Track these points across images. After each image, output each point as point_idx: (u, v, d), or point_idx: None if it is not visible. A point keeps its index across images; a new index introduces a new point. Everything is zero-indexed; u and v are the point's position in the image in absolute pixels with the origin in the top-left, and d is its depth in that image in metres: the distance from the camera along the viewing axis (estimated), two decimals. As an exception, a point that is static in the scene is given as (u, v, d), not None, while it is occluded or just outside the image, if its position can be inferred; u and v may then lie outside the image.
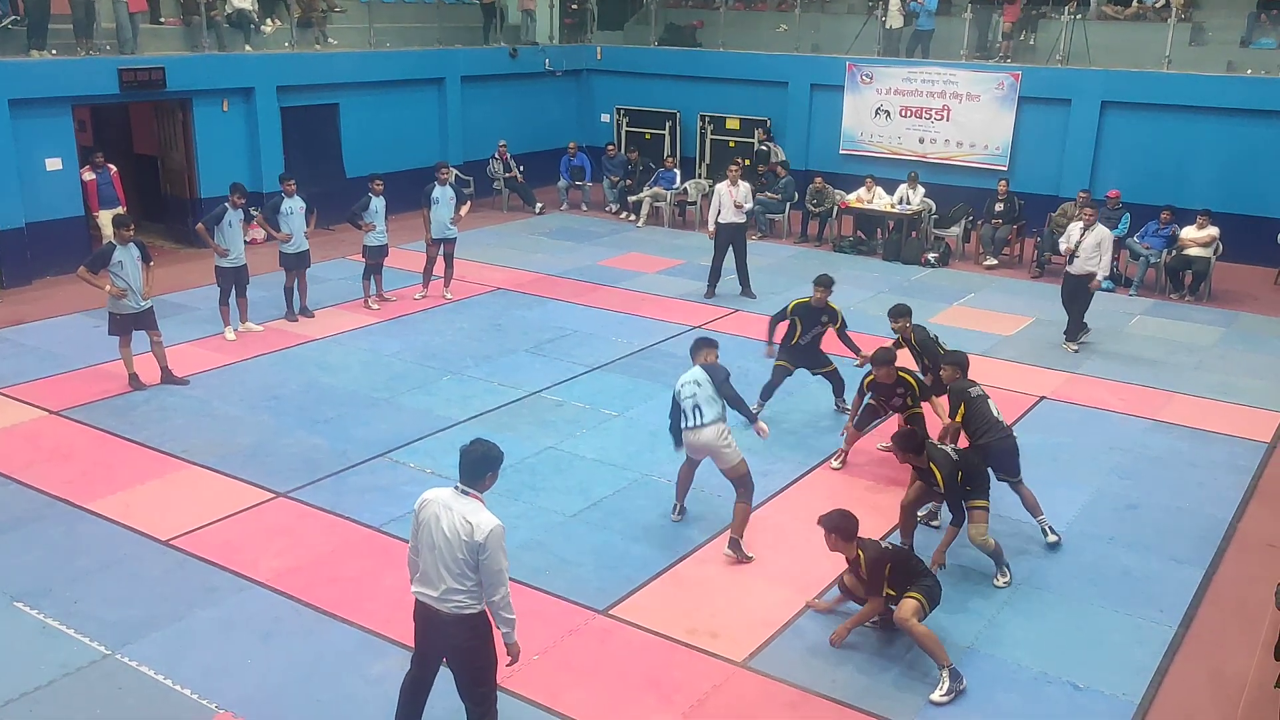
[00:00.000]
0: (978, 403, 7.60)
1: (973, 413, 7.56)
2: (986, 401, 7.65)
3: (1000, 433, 7.61)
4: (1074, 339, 12.21)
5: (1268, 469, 9.29)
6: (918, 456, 7.01)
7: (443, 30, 19.75)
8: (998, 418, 7.63)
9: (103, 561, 7.32)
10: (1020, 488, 7.78)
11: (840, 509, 6.43)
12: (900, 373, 8.49)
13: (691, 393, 7.33)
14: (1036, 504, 7.81)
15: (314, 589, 7.03)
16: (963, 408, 7.58)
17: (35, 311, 12.82)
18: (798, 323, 9.67)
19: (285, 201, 12.21)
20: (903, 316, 9.06)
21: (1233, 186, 16.08)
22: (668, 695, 6.09)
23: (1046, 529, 7.84)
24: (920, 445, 7.03)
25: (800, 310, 9.70)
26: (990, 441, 7.54)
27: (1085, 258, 11.85)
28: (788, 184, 17.81)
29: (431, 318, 12.94)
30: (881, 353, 8.51)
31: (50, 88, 13.84)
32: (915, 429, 7.57)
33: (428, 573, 4.96)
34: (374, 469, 8.84)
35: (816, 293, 9.68)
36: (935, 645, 6.12)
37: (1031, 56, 18.29)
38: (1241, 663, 6.54)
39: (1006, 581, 7.23)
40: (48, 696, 5.96)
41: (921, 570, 6.42)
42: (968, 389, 7.67)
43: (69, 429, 9.51)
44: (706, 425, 7.27)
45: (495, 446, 5.00)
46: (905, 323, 9.05)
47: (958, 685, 6.08)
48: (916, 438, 7.13)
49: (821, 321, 9.71)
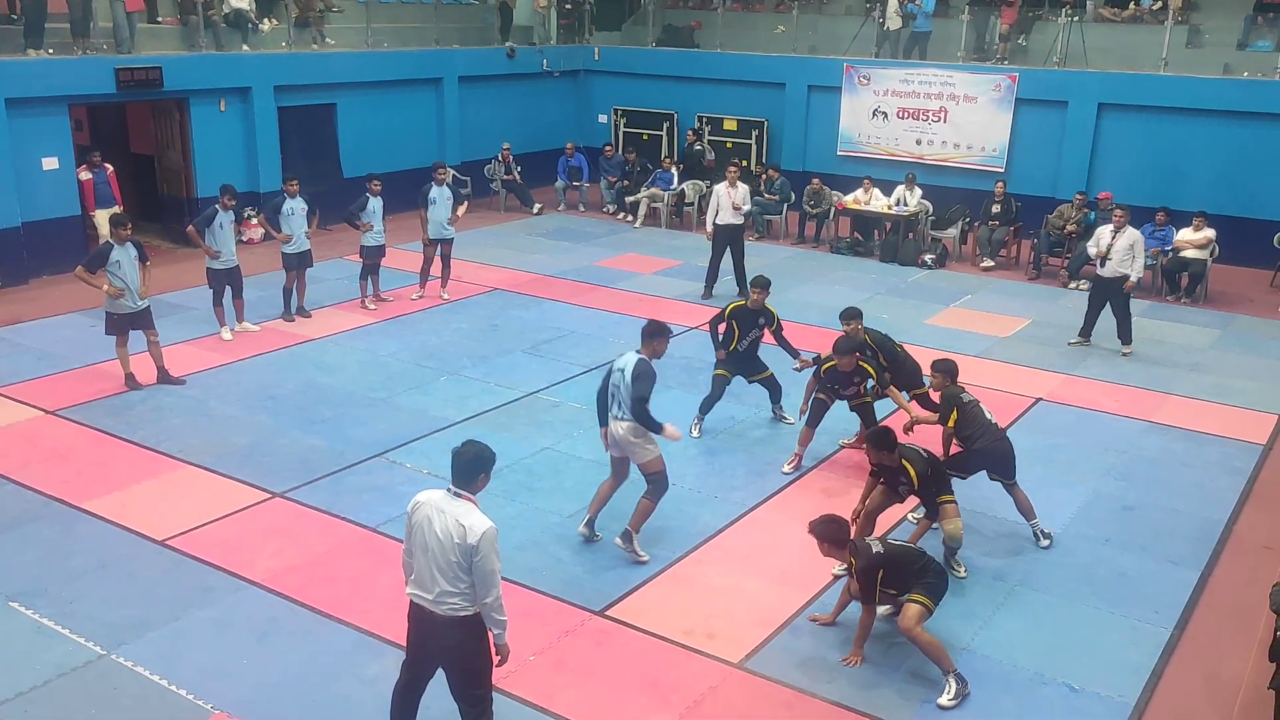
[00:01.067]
0: (970, 408, 7.63)
1: (965, 418, 7.60)
2: (978, 406, 7.68)
3: (994, 436, 7.64)
4: (1128, 340, 12.13)
5: (1263, 471, 9.30)
6: (890, 454, 6.99)
7: (440, 30, 19.75)
8: (990, 421, 7.66)
9: (98, 561, 7.31)
10: (1015, 491, 7.79)
11: (828, 516, 6.34)
12: (860, 362, 8.53)
13: (617, 383, 7.17)
14: (1030, 508, 7.82)
15: (310, 589, 7.03)
16: (955, 413, 7.61)
17: (31, 311, 12.80)
18: (735, 326, 9.52)
19: (287, 202, 12.21)
20: (854, 319, 8.95)
21: (1229, 189, 16.11)
22: (664, 696, 6.09)
23: (1039, 533, 7.85)
24: (894, 443, 7.03)
25: (737, 313, 9.58)
26: (985, 445, 7.57)
27: (1118, 260, 11.81)
28: (784, 185, 17.84)
29: (428, 318, 12.93)
30: (844, 341, 8.54)
31: (47, 87, 13.81)
32: (889, 428, 7.51)
33: (421, 575, 4.95)
34: (371, 469, 8.83)
35: (754, 294, 9.59)
36: (939, 652, 6.11)
37: (1028, 58, 18.31)
38: (1237, 664, 6.55)
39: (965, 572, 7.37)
40: (43, 697, 5.95)
41: (920, 566, 6.28)
42: (959, 394, 7.69)
43: (65, 429, 9.50)
44: (622, 421, 7.18)
45: (487, 448, 4.98)
46: (857, 324, 8.94)
47: (964, 689, 6.08)
48: (890, 436, 7.08)
49: (759, 324, 9.61)
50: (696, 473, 8.84)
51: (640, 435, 7.19)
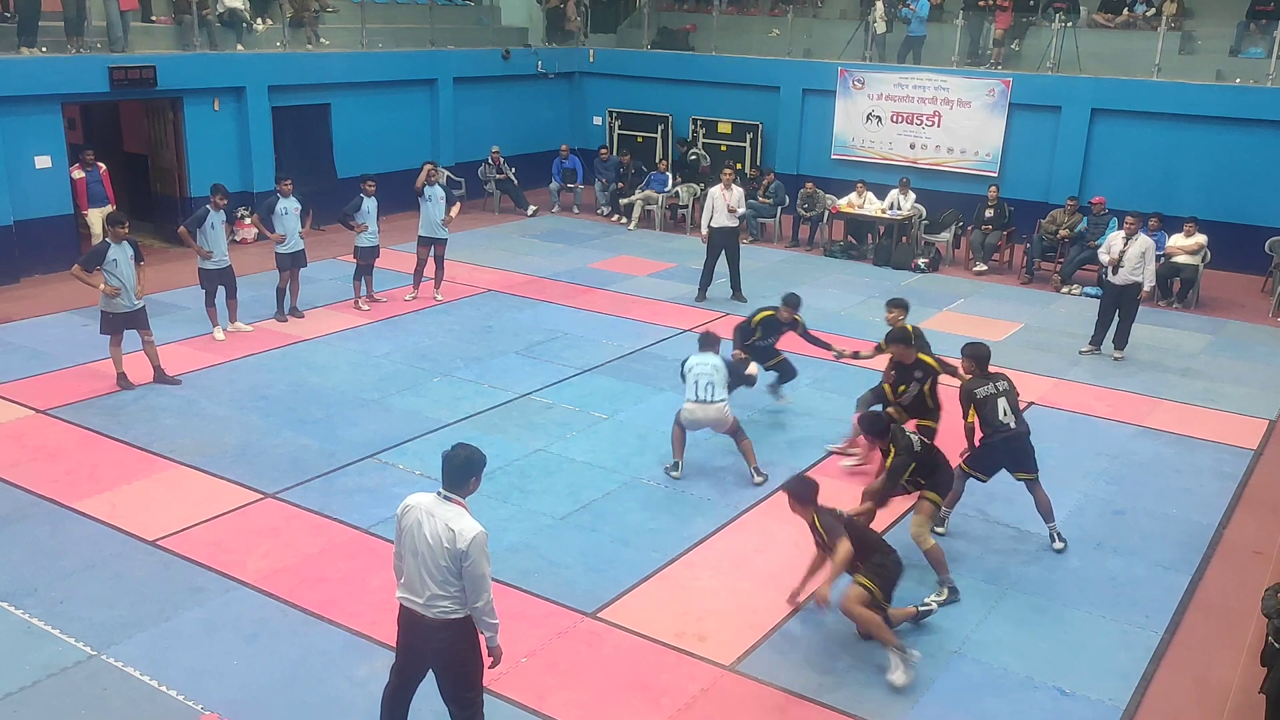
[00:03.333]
0: (984, 403, 7.59)
1: (981, 413, 7.58)
2: (996, 400, 7.59)
3: (1005, 431, 7.58)
4: (1122, 345, 12.16)
5: (1254, 476, 9.33)
6: (881, 438, 7.18)
7: (435, 31, 19.75)
8: (1004, 418, 7.55)
9: (88, 561, 7.29)
10: (1035, 489, 7.75)
11: (801, 474, 6.75)
12: (920, 355, 8.45)
13: (709, 374, 8.43)
14: (1050, 509, 7.78)
15: (301, 590, 7.01)
16: (972, 409, 7.60)
17: (23, 310, 12.76)
18: (759, 332, 9.97)
19: (280, 202, 12.19)
20: (898, 308, 8.93)
21: (1221, 194, 16.17)
22: (655, 698, 6.09)
23: (1055, 535, 7.84)
24: (885, 429, 7.19)
25: (765, 323, 9.97)
26: (996, 440, 7.56)
27: (1130, 268, 11.81)
28: (778, 188, 17.87)
29: (421, 319, 12.92)
30: (897, 331, 8.50)
31: (40, 85, 13.77)
32: (882, 413, 7.75)
33: (411, 579, 4.93)
34: (362, 470, 8.82)
35: (784, 311, 9.93)
36: (878, 628, 6.25)
37: (1022, 63, 18.35)
38: (1226, 668, 6.57)
39: (939, 603, 6.92)
40: (31, 697, 5.93)
41: (874, 546, 6.46)
42: (974, 390, 7.63)
43: (56, 428, 9.47)
44: (715, 402, 8.44)
45: (478, 451, 4.98)
46: (900, 314, 8.89)
47: (908, 659, 6.21)
48: (882, 420, 7.35)
49: (782, 332, 10.05)
50: (688, 475, 8.84)
51: (725, 412, 8.50)
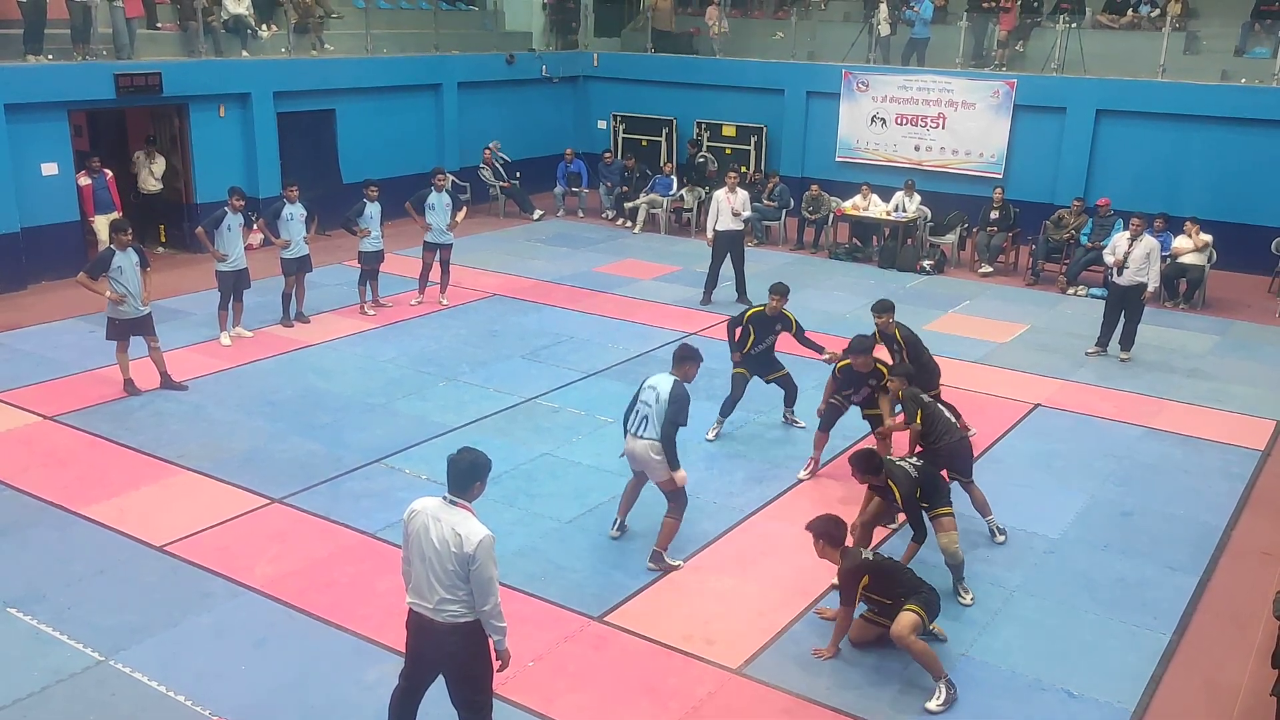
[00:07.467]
0: (932, 407, 7.77)
1: (929, 417, 7.67)
2: (938, 405, 7.89)
3: (957, 434, 7.76)
4: (1129, 346, 12.14)
5: (1261, 476, 9.30)
6: (876, 476, 6.95)
7: (439, 36, 19.78)
8: (951, 420, 7.80)
9: (97, 567, 7.31)
10: (971, 488, 7.86)
11: (829, 514, 6.43)
12: (876, 363, 8.52)
13: (649, 402, 7.18)
14: (986, 504, 7.91)
15: (308, 595, 7.02)
16: (920, 413, 7.66)
17: (30, 316, 12.80)
18: (751, 330, 9.58)
19: (286, 208, 12.23)
20: (886, 312, 9.04)
21: (1227, 195, 16.13)
22: (663, 702, 6.08)
23: (995, 529, 7.93)
24: (878, 466, 6.94)
25: (755, 319, 9.63)
26: (949, 443, 7.64)
27: (1135, 269, 11.80)
28: (783, 191, 17.87)
29: (427, 323, 12.94)
30: (860, 340, 8.51)
31: (46, 92, 13.83)
32: (873, 450, 7.50)
33: (420, 583, 4.94)
34: (369, 475, 8.83)
35: (772, 300, 9.59)
36: (932, 660, 6.12)
37: (1026, 65, 18.34)
38: (1235, 670, 6.55)
39: (972, 599, 7.14)
40: (40, 703, 5.94)
41: (916, 582, 6.37)
42: (919, 395, 7.82)
43: (63, 434, 9.50)
44: (642, 439, 7.18)
45: (483, 455, 4.98)
46: (889, 318, 9.02)
47: (952, 694, 6.10)
48: (875, 459, 7.01)
49: (775, 329, 9.64)
50: (696, 478, 8.80)
51: (659, 453, 7.15)
